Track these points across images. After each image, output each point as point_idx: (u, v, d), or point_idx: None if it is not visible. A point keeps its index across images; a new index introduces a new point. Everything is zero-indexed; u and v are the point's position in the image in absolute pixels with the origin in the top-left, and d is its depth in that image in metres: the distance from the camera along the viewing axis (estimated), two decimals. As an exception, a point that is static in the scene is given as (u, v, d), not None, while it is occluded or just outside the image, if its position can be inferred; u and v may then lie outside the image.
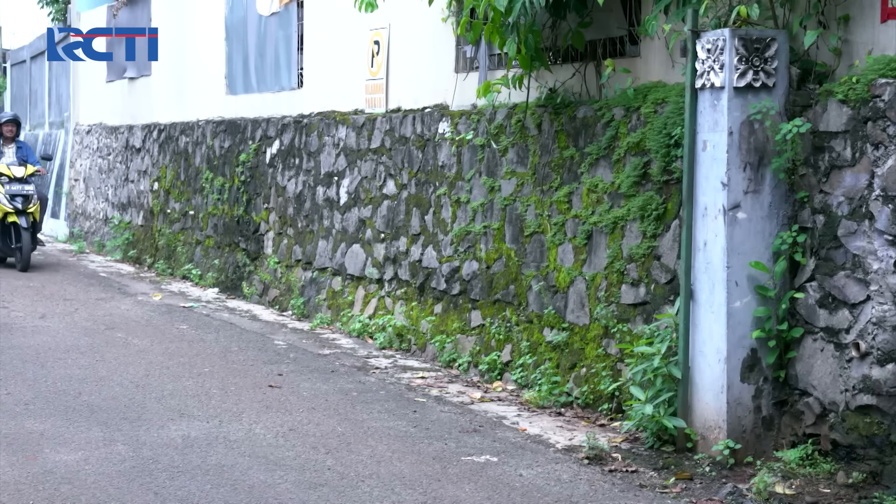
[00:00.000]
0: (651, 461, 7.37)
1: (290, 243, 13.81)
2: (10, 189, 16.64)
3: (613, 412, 8.38)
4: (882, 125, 6.63)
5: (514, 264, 9.78)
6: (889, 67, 6.65)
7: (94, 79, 21.50)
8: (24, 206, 16.58)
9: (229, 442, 7.66)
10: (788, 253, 7.17)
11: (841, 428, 6.86)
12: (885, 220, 6.60)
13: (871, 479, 6.64)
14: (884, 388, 6.60)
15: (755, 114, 7.06)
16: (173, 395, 9.00)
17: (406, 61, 11.74)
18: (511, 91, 9.56)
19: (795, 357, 7.19)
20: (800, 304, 7.15)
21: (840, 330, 6.90)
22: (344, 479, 6.92)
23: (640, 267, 8.31)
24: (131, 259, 18.65)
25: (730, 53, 7.05)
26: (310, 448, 7.58)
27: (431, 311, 10.97)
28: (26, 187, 16.74)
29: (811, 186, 7.09)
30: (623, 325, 8.41)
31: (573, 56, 9.21)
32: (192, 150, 16.87)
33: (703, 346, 7.37)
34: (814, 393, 7.06)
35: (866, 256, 6.73)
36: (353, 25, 12.39)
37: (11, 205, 16.52)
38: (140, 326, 12.24)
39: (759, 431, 7.27)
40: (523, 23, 8.64)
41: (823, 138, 6.99)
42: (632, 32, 8.71)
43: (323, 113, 13.32)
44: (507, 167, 9.92)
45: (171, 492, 6.56)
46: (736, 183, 7.13)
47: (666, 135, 7.96)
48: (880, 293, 6.63)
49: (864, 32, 6.91)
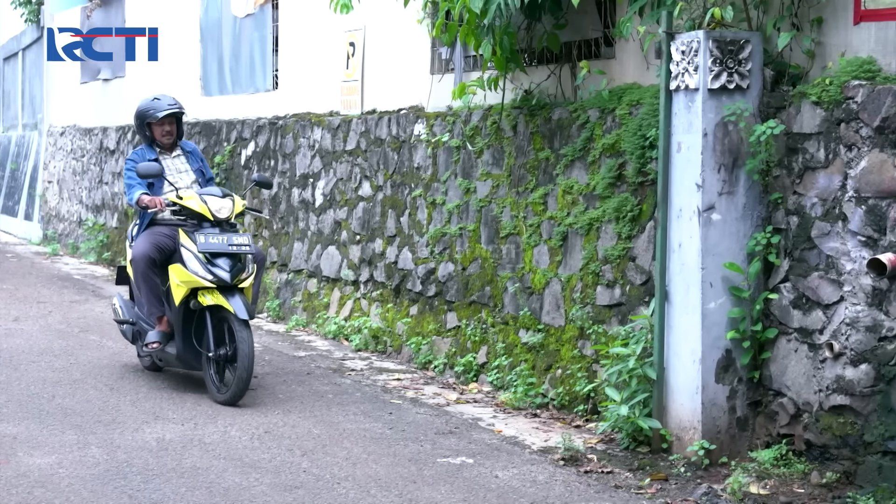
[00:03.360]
0: (626, 462, 7.39)
1: (266, 245, 13.78)
2: (207, 242, 8.91)
3: (589, 413, 8.39)
4: (855, 127, 6.66)
5: (489, 266, 9.78)
6: (862, 69, 6.69)
7: (67, 80, 21.41)
8: (234, 275, 8.88)
9: (204, 444, 7.64)
10: (762, 254, 7.19)
11: (815, 428, 6.89)
12: (859, 221, 6.63)
13: (845, 478, 6.67)
14: (857, 388, 6.63)
15: (729, 115, 7.08)
16: (148, 397, 8.97)
17: (381, 63, 11.74)
18: (486, 93, 9.57)
19: (770, 358, 7.22)
20: (774, 304, 7.18)
21: (814, 330, 6.93)
22: (319, 481, 6.91)
23: (616, 268, 8.33)
24: (105, 261, 18.57)
25: (704, 55, 7.07)
26: (285, 450, 7.56)
27: (407, 312, 10.97)
28: (237, 239, 9.02)
29: (785, 188, 7.12)
30: (598, 327, 8.42)
31: (548, 58, 9.22)
32: (167, 152, 16.78)
33: (677, 347, 7.39)
34: (788, 393, 7.08)
35: (840, 257, 6.76)
36: (328, 27, 12.38)
37: (211, 273, 8.84)
38: (114, 329, 12.15)
39: (733, 432, 7.29)
40: (498, 24, 8.66)
41: (797, 140, 7.02)
42: (607, 34, 8.73)
43: (298, 115, 13.30)
44: (482, 169, 9.92)
45: (145, 495, 6.53)
46: (710, 184, 7.15)
47: (641, 136, 7.98)
48: (853, 294, 6.66)
49: (838, 34, 6.94)
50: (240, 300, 8.77)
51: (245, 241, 9.05)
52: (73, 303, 14.09)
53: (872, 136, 6.56)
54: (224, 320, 8.87)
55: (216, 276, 8.81)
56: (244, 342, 8.60)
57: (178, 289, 8.99)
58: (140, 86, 17.90)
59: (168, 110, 9.68)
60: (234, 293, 8.82)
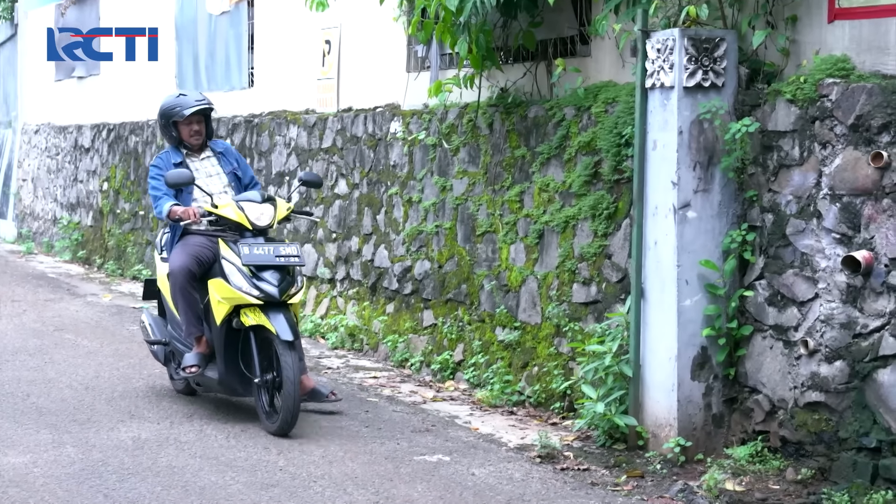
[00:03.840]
0: (603, 459, 7.40)
1: (242, 243, 13.72)
2: (252, 254, 8.02)
3: (565, 411, 8.40)
4: (829, 124, 6.69)
5: (466, 264, 9.79)
6: (836, 67, 6.71)
7: (42, 78, 21.30)
8: (282, 290, 7.98)
9: (180, 443, 7.62)
10: (738, 251, 7.21)
11: (790, 425, 6.92)
12: (833, 218, 6.65)
13: (820, 475, 6.70)
14: (832, 384, 6.65)
15: (705, 113, 7.10)
16: (123, 396, 8.94)
17: (357, 61, 11.73)
18: (462, 91, 9.56)
19: (745, 355, 7.24)
20: (749, 302, 7.20)
21: (789, 328, 6.95)
22: (296, 479, 6.90)
23: (592, 266, 8.34)
24: (80, 260, 18.51)
25: (679, 53, 7.09)
26: (261, 449, 7.55)
27: (384, 310, 10.96)
28: (284, 249, 8.14)
29: (760, 185, 7.14)
30: (574, 324, 8.44)
31: (524, 56, 9.23)
32: (143, 150, 16.76)
33: (653, 344, 7.40)
34: (763, 390, 7.11)
35: (814, 255, 6.79)
36: (304, 25, 12.36)
37: (257, 289, 7.94)
38: (89, 327, 12.15)
39: (709, 429, 7.31)
40: (474, 22, 8.66)
41: (772, 137, 7.05)
42: (582, 32, 8.74)
43: (274, 112, 13.28)
44: (458, 167, 9.93)
45: (121, 494, 6.51)
46: (686, 182, 7.17)
47: (616, 134, 7.99)
48: (828, 291, 6.69)
49: (812, 32, 6.96)
50: (283, 319, 7.81)
51: (293, 251, 8.15)
52: (47, 301, 14.03)
53: (847, 134, 6.59)
54: (269, 341, 7.93)
55: (263, 291, 7.89)
56: (288, 367, 7.68)
57: (219, 306, 8.06)
58: (115, 84, 17.84)
59: (195, 107, 8.61)
60: (279, 311, 7.87)
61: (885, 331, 6.39)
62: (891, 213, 6.34)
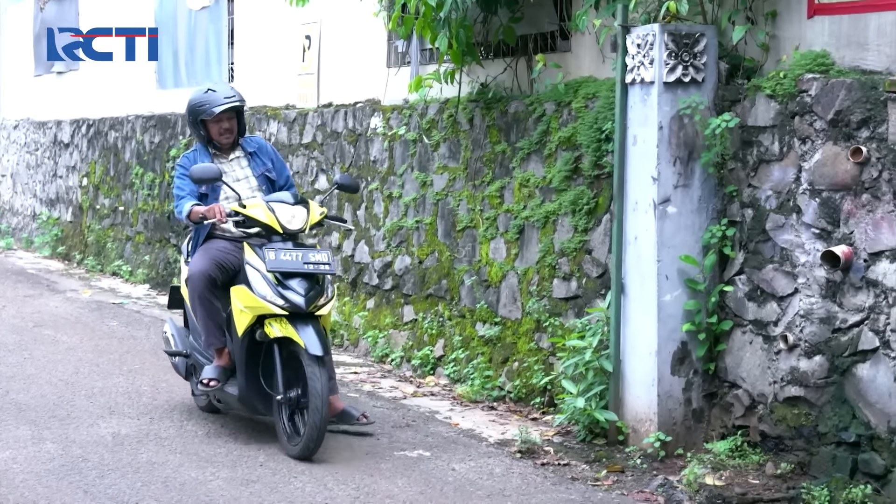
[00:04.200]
0: (583, 454, 7.41)
1: (222, 239, 13.70)
2: (277, 260, 7.41)
3: (545, 406, 8.41)
4: (809, 120, 6.70)
5: (446, 259, 9.78)
6: (816, 63, 6.73)
7: (21, 73, 21.22)
8: (309, 300, 7.37)
9: (160, 439, 7.60)
10: (718, 246, 7.23)
11: (769, 419, 6.94)
12: (813, 213, 6.67)
13: (799, 469, 6.72)
14: (811, 379, 6.67)
15: (685, 108, 7.11)
16: (103, 392, 8.92)
17: (337, 56, 11.71)
18: (443, 86, 9.56)
19: (725, 350, 7.26)
20: (729, 297, 7.21)
21: (768, 322, 6.97)
22: (276, 474, 6.89)
23: (572, 261, 8.35)
24: (60, 255, 18.44)
25: (659, 49, 7.09)
26: (242, 444, 7.54)
27: (364, 306, 10.96)
28: (313, 255, 7.52)
29: (740, 180, 7.16)
30: (555, 319, 8.44)
31: (504, 51, 9.23)
32: (122, 146, 16.72)
33: (633, 339, 7.41)
34: (743, 385, 7.13)
35: (794, 250, 6.80)
36: (284, 20, 12.33)
37: (282, 298, 7.35)
38: (69, 323, 12.11)
39: (689, 424, 7.32)
40: (455, 18, 8.65)
41: (752, 133, 7.06)
42: (563, 27, 8.74)
43: (254, 108, 13.24)
44: (438, 162, 9.92)
45: (100, 490, 6.50)
46: (666, 177, 7.18)
47: (597, 129, 8.00)
48: (808, 286, 6.71)
49: (792, 28, 6.98)
50: (313, 332, 7.20)
51: (324, 258, 7.48)
52: (27, 297, 13.98)
53: (826, 129, 6.61)
54: (296, 356, 7.30)
55: (289, 301, 7.28)
56: (316, 385, 7.05)
57: (241, 316, 7.44)
58: (94, 79, 17.78)
59: (226, 104, 7.92)
60: (307, 322, 7.26)
61: (864, 325, 6.41)
62: (870, 208, 6.36)
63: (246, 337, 7.47)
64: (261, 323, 7.42)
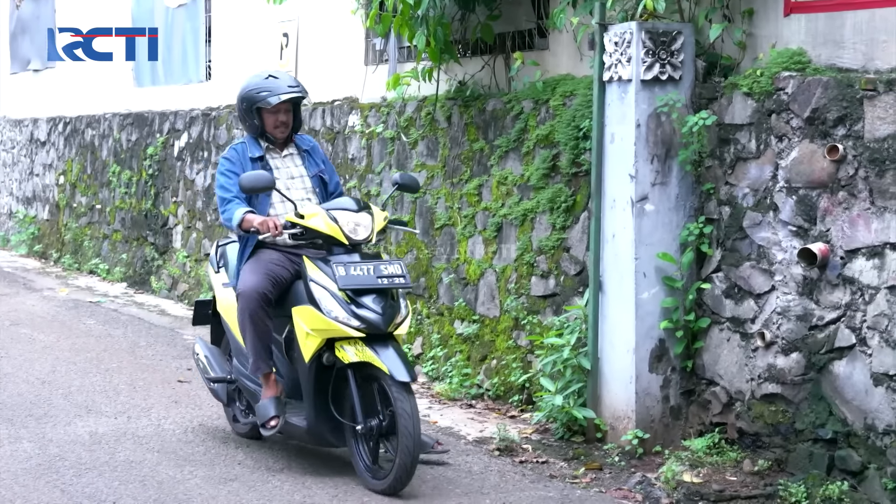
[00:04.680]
0: (561, 452, 7.42)
1: (199, 237, 13.69)
2: (349, 275, 6.68)
3: (524, 404, 8.42)
4: (786, 118, 6.72)
5: (424, 257, 9.78)
6: (792, 61, 6.75)
7: (-3, 71, 21.16)
8: (387, 319, 6.65)
9: (138, 438, 7.58)
10: (695, 244, 7.24)
11: (747, 416, 6.96)
12: (789, 211, 6.69)
13: (776, 466, 6.74)
14: (788, 376, 6.70)
15: (662, 106, 7.13)
16: (80, 391, 8.89)
17: (315, 54, 11.69)
18: (421, 84, 9.56)
19: (702, 347, 7.27)
20: (706, 294, 7.23)
21: (746, 320, 6.99)
22: (255, 473, 6.88)
23: (550, 259, 8.36)
24: (37, 254, 18.36)
25: (637, 46, 7.10)
26: (220, 443, 7.52)
27: (342, 304, 10.93)
28: (386, 268, 6.79)
29: (717, 178, 7.18)
30: (533, 317, 8.45)
31: (482, 49, 9.23)
32: (99, 144, 16.66)
33: (611, 336, 7.42)
34: (720, 382, 7.14)
35: (771, 247, 6.83)
36: (261, 18, 12.31)
37: (357, 318, 6.59)
38: (46, 322, 12.06)
39: (667, 421, 7.34)
40: (432, 15, 8.65)
41: (729, 131, 7.08)
42: (540, 25, 8.75)
43: (232, 106, 13.19)
44: (417, 160, 9.92)
45: (78, 489, 6.47)
46: (643, 175, 7.19)
47: (574, 127, 8.01)
48: (784, 283, 6.73)
49: (768, 26, 7.00)
50: (395, 355, 6.48)
51: (398, 270, 6.74)
52: (3, 296, 13.91)
53: (803, 127, 6.63)
54: (372, 380, 6.59)
55: (365, 321, 6.53)
56: (405, 413, 6.34)
57: (308, 339, 6.65)
58: (71, 77, 17.71)
59: (288, 94, 7.14)
60: (386, 344, 6.54)
61: (840, 323, 6.44)
62: (846, 205, 6.39)
63: (314, 362, 6.69)
64: (329, 346, 6.66)
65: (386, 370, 6.38)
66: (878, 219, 6.22)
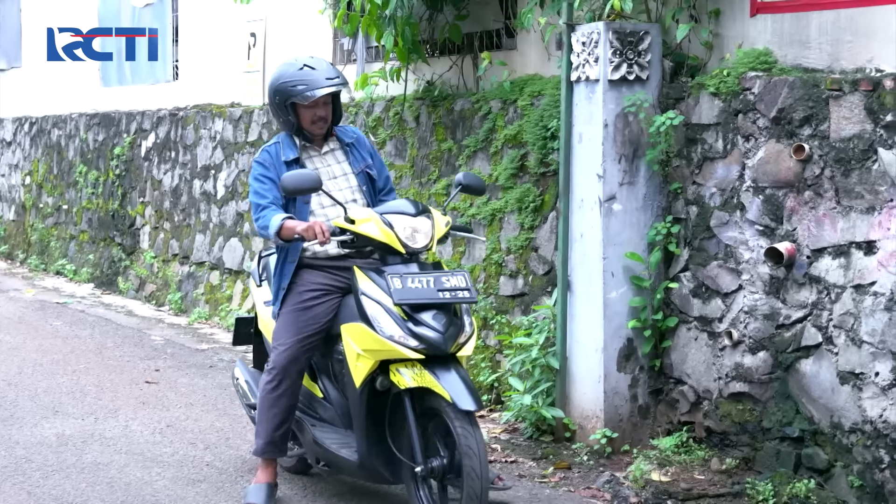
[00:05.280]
0: (530, 451, 7.42)
1: (167, 237, 13.64)
2: (405, 289, 5.76)
3: (493, 403, 8.42)
4: (752, 117, 6.75)
5: (392, 257, 9.76)
6: (759, 61, 6.78)
7: (-38, 70, 21.02)
8: (449, 338, 5.71)
9: (105, 439, 7.55)
10: (663, 243, 7.26)
11: (714, 415, 6.98)
12: (756, 210, 6.72)
13: (744, 464, 6.77)
14: (755, 375, 6.73)
15: (629, 106, 7.14)
16: (47, 392, 8.84)
17: (283, 54, 11.65)
18: (389, 84, 9.55)
19: (670, 346, 7.30)
20: (674, 293, 7.26)
21: (713, 319, 7.02)
22: (223, 474, 6.86)
23: (518, 258, 8.37)
24: (3, 255, 18.25)
25: (604, 46, 7.12)
26: (188, 444, 7.50)
27: (310, 304, 10.91)
28: (448, 280, 5.83)
29: (684, 178, 7.20)
30: (501, 317, 8.46)
31: (450, 49, 9.23)
32: (66, 144, 16.57)
33: (580, 336, 7.44)
34: (688, 381, 7.17)
35: (738, 246, 6.85)
36: (229, 17, 12.28)
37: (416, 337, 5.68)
38: (12, 323, 11.99)
39: (635, 420, 7.36)
40: (400, 15, 8.65)
41: (696, 130, 7.10)
42: (508, 25, 8.76)
43: (199, 106, 13.18)
44: (385, 160, 9.90)
45: (45, 491, 6.44)
46: (611, 175, 7.21)
47: (542, 127, 8.02)
48: (751, 282, 6.76)
49: (735, 26, 7.03)
50: (458, 379, 5.59)
51: (461, 282, 5.80)
52: (-31, 297, 13.85)
53: (769, 127, 6.66)
54: (434, 412, 5.70)
55: (425, 340, 5.64)
56: (471, 451, 5.46)
57: (360, 361, 5.81)
58: (37, 76, 17.62)
59: (327, 87, 6.20)
60: (448, 367, 5.64)
61: (807, 321, 6.47)
62: (812, 205, 6.42)
63: (366, 387, 5.84)
64: (383, 369, 5.81)
65: (448, 397, 5.49)
66: (844, 218, 6.26)
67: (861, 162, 6.18)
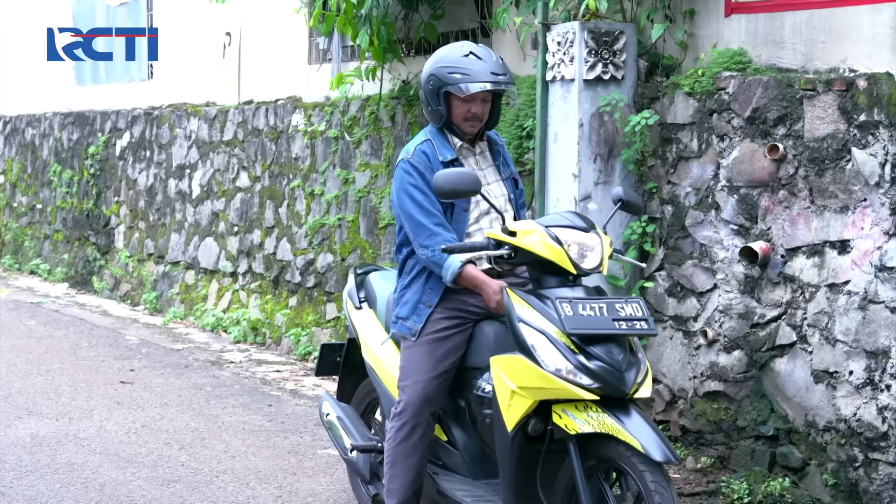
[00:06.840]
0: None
1: (142, 237, 13.60)
2: (577, 316, 4.74)
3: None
4: (727, 117, 6.77)
5: (369, 256, 9.77)
6: (733, 61, 6.80)
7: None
8: (629, 378, 4.72)
9: (79, 440, 7.52)
10: (638, 243, 7.28)
11: (690, 414, 7.00)
12: (731, 209, 6.74)
13: (719, 463, 6.79)
14: (730, 374, 6.75)
15: (605, 106, 7.16)
16: (21, 392, 8.80)
17: (258, 53, 11.65)
18: (364, 83, 9.55)
19: (645, 345, 7.31)
20: (649, 293, 7.27)
21: (688, 318, 7.04)
22: (198, 474, 6.85)
23: (494, 258, 8.36)
24: (-23, 255, 18.20)
25: (580, 46, 7.13)
26: (163, 444, 7.48)
27: (286, 304, 10.91)
28: (624, 308, 4.81)
29: (660, 177, 7.22)
30: (477, 316, 8.44)
31: (426, 48, 9.23)
32: (40, 143, 16.51)
33: (555, 335, 7.43)
34: (664, 380, 7.19)
35: (713, 246, 6.87)
36: (204, 16, 12.25)
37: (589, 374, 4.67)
38: (-14, 323, 11.95)
39: (610, 419, 7.35)
40: (376, 14, 8.64)
41: (671, 130, 7.12)
42: (484, 25, 8.76)
43: (174, 105, 13.15)
44: (361, 159, 9.91)
45: (18, 491, 6.41)
46: (587, 174, 7.22)
47: (518, 127, 8.03)
48: (726, 281, 6.78)
49: (709, 26, 7.05)
50: (646, 426, 4.66)
51: (638, 310, 4.85)
52: (-58, 297, 13.78)
53: (743, 127, 6.68)
54: (606, 462, 4.80)
55: (602, 378, 4.70)
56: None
57: (515, 400, 4.87)
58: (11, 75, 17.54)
59: (489, 84, 5.21)
60: (629, 411, 4.72)
61: (781, 320, 6.49)
62: (787, 204, 6.45)
63: (518, 431, 4.91)
64: (537, 410, 4.87)
65: (639, 447, 4.54)
66: (818, 217, 6.28)
67: (835, 161, 6.20)
